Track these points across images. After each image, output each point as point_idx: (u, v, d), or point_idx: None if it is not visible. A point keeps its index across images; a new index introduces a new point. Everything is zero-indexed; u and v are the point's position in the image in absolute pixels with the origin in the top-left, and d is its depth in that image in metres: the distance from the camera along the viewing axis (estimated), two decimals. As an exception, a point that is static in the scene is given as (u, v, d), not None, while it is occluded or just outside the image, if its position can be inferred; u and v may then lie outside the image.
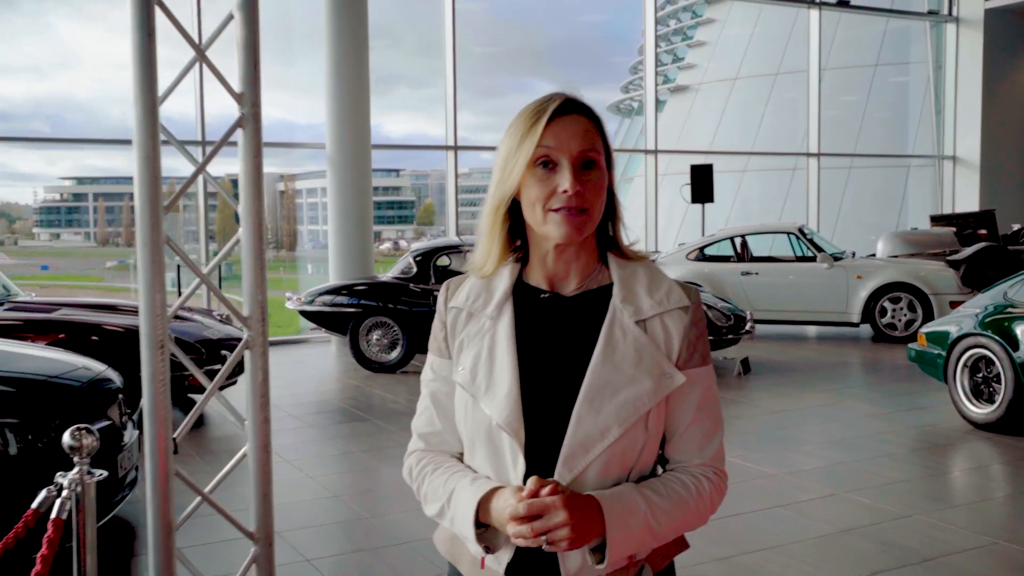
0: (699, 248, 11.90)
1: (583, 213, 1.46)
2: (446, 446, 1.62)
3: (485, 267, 1.58)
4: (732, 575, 4.09)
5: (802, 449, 6.28)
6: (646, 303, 1.52)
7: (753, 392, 8.32)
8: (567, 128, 1.47)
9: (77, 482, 2.22)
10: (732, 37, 32.31)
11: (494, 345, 1.54)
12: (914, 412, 7.32)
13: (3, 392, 4.05)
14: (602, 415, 1.45)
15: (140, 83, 1.92)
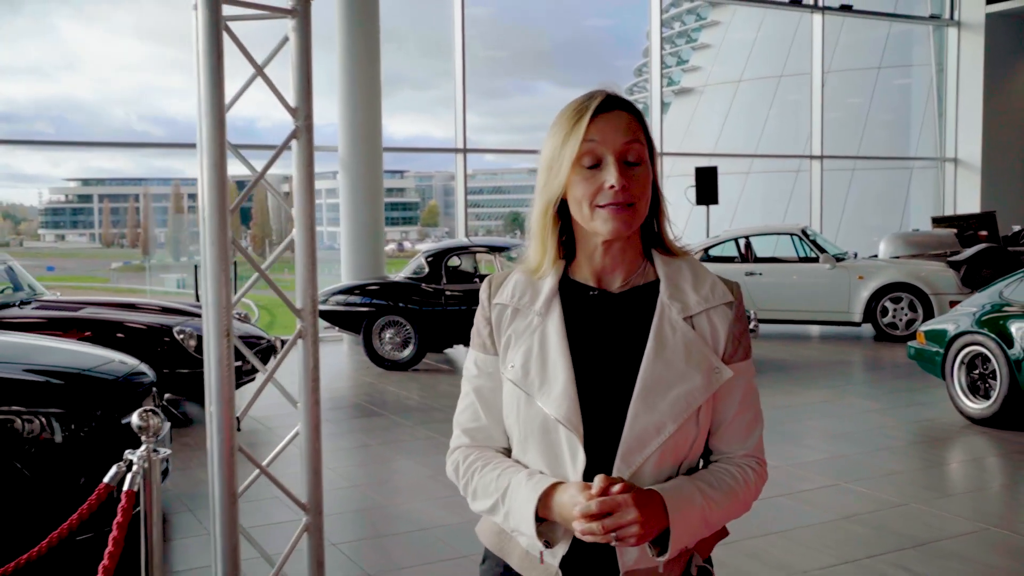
0: (704, 249, 12.12)
1: (630, 208, 1.49)
2: (491, 441, 1.63)
3: (542, 268, 1.59)
4: (737, 558, 4.32)
5: (804, 443, 6.50)
6: (693, 299, 1.55)
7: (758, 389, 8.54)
8: (610, 124, 1.49)
9: (145, 458, 2.45)
10: (736, 40, 32.51)
11: (545, 341, 1.55)
12: (913, 408, 7.54)
13: (48, 384, 4.29)
14: (657, 411, 1.49)
15: (209, 100, 2.14)
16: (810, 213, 16.99)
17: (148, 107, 57.11)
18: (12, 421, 4.05)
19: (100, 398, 4.44)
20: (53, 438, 4.12)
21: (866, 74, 27.25)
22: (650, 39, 15.35)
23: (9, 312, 7.29)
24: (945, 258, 12.64)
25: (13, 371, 4.36)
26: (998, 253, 12.68)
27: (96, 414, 4.33)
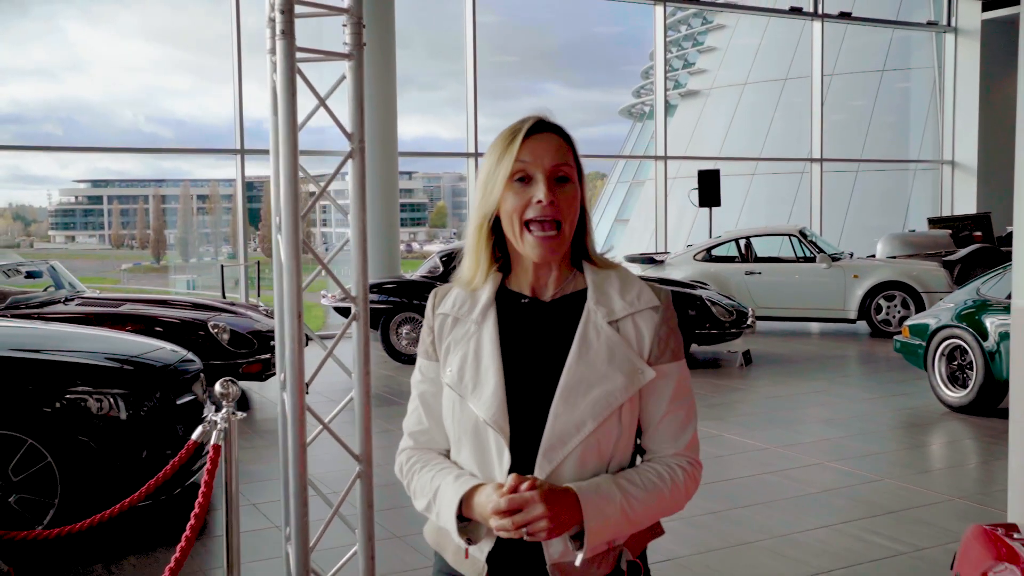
0: (706, 249, 12.62)
1: (557, 230, 1.58)
2: (434, 443, 1.71)
3: (474, 282, 1.67)
4: (722, 525, 4.84)
5: (793, 427, 7.02)
6: (618, 304, 1.62)
7: (753, 380, 9.07)
8: (541, 145, 1.59)
9: (226, 419, 2.99)
10: (741, 43, 32.94)
11: (480, 348, 1.62)
12: (898, 397, 8.05)
13: (113, 368, 4.84)
14: (577, 410, 1.55)
15: (285, 126, 2.69)
16: (810, 215, 17.47)
17: (156, 108, 57.52)
18: (84, 400, 4.60)
19: (157, 381, 4.98)
20: (119, 416, 4.67)
21: (869, 77, 27.68)
22: (655, 45, 15.85)
23: (55, 308, 7.85)
24: (940, 258, 13.13)
25: (81, 357, 4.91)
26: (991, 253, 13.16)
27: (155, 395, 4.87)
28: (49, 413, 4.51)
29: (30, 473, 4.44)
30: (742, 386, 8.83)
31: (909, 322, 8.08)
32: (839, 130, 26.92)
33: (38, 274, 8.51)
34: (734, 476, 5.72)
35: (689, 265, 12.32)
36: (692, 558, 4.37)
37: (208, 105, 56.28)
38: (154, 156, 56.00)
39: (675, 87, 35.01)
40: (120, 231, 62.33)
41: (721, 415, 7.51)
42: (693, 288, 10.27)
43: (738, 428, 6.95)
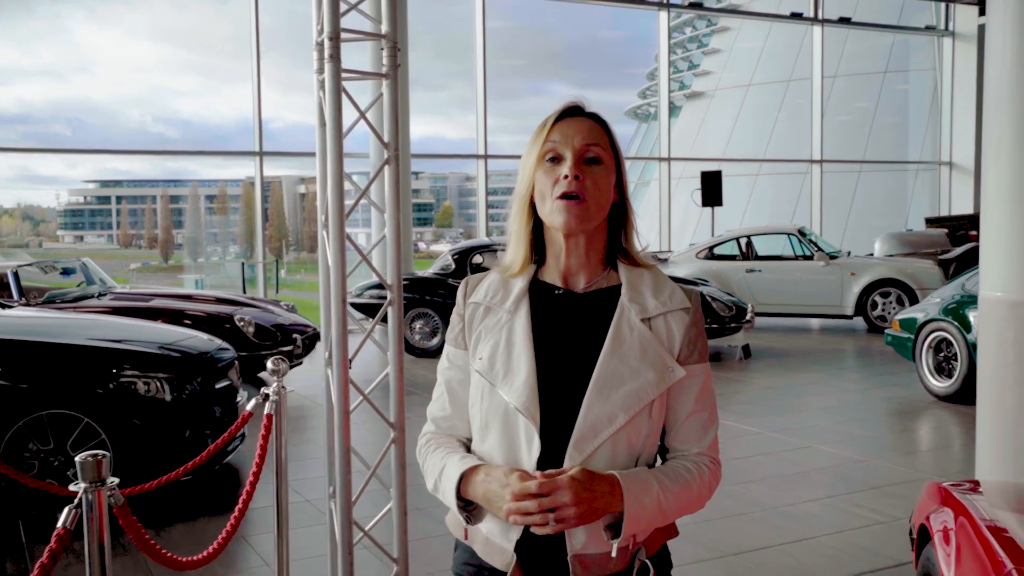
0: (708, 248, 13.05)
1: (581, 201, 1.59)
2: (455, 431, 1.73)
3: (514, 267, 1.69)
4: (716, 499, 5.23)
5: (787, 414, 7.44)
6: (651, 303, 1.63)
7: (751, 372, 9.49)
8: (572, 127, 1.62)
9: (277, 392, 3.42)
10: (746, 45, 33.29)
11: (512, 336, 1.64)
12: (888, 387, 8.47)
13: (159, 355, 5.28)
14: (610, 403, 1.56)
15: (333, 136, 3.11)
16: (810, 215, 17.87)
17: (163, 109, 57.88)
18: (134, 383, 5.04)
19: (198, 367, 5.42)
20: (164, 398, 5.11)
21: (872, 79, 28.04)
22: (659, 48, 16.27)
23: (90, 303, 8.31)
24: (936, 256, 13.53)
25: (130, 344, 5.36)
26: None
27: (196, 380, 5.32)
28: (103, 394, 4.95)
29: (86, 449, 4.88)
30: (741, 377, 9.26)
31: (899, 316, 8.50)
32: (843, 131, 27.32)
33: (72, 271, 8.97)
34: (730, 457, 6.14)
35: (691, 263, 12.74)
36: (687, 528, 4.80)
37: (215, 105, 56.70)
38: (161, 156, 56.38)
39: (680, 88, 35.41)
40: (128, 231, 62.71)
41: (720, 403, 7.86)
42: (694, 284, 10.69)
43: (736, 415, 7.38)
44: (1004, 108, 4.45)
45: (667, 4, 15.58)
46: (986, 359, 4.67)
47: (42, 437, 4.83)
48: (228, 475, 5.90)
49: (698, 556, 4.40)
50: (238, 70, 64.44)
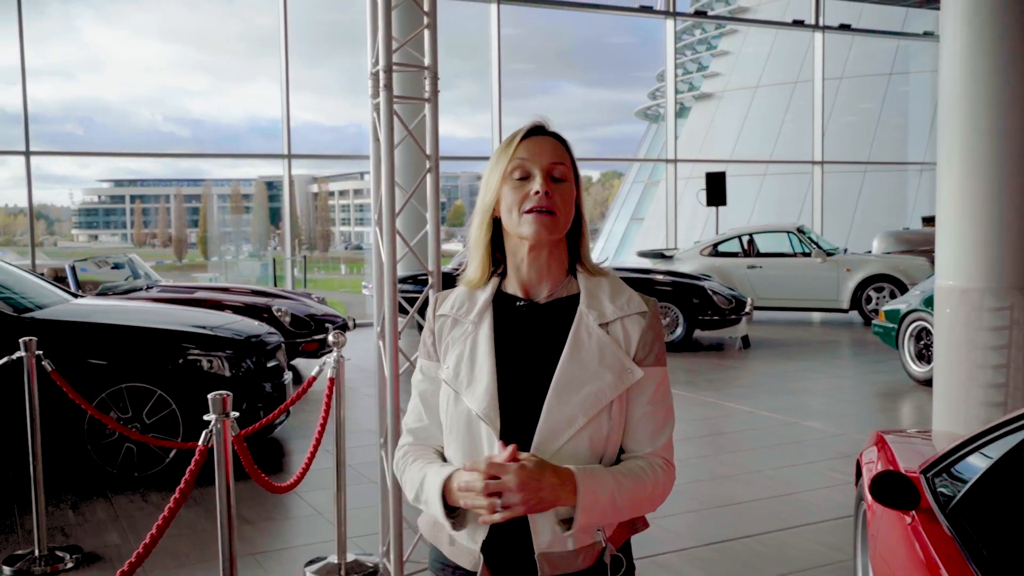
0: (712, 245, 13.74)
1: (551, 215, 1.64)
2: (432, 440, 1.77)
3: (475, 279, 1.74)
4: (708, 464, 5.98)
5: (778, 396, 8.13)
6: (609, 308, 1.68)
7: (749, 360, 10.19)
8: (538, 145, 1.68)
9: (337, 359, 4.14)
10: (754, 47, 33.87)
11: (475, 346, 1.69)
12: (875, 374, 9.17)
13: (220, 337, 6.01)
14: (569, 406, 1.61)
15: (386, 148, 3.82)
16: (812, 214, 18.52)
17: (173, 108, 58.45)
18: (199, 361, 5.78)
19: (251, 348, 6.15)
20: (224, 374, 5.85)
21: (877, 80, 28.62)
22: (666, 54, 16.94)
23: (139, 294, 9.06)
24: (930, 253, 14.17)
25: (194, 327, 6.09)
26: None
27: (251, 359, 6.05)
28: (173, 370, 5.69)
29: (159, 418, 5.62)
30: (739, 365, 9.96)
31: (884, 307, 9.19)
32: (849, 132, 27.92)
33: (121, 266, 9.73)
34: (723, 431, 6.87)
35: (696, 260, 13.43)
36: (683, 487, 5.52)
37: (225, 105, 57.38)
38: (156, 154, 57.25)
39: (690, 89, 36.02)
40: (142, 230, 63.42)
41: (718, 387, 8.63)
42: (697, 279, 11.39)
43: (731, 397, 8.09)
44: (955, 121, 5.15)
45: (673, 13, 16.28)
46: (941, 337, 5.37)
47: (122, 407, 5.57)
48: (272, 446, 6.63)
49: (689, 508, 5.11)
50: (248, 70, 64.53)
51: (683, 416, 7.62)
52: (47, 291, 6.58)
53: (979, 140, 5.02)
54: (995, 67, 4.94)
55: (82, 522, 4.94)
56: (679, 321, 10.77)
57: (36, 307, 6.06)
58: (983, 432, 2.46)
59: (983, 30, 4.96)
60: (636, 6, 16.18)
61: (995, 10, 4.93)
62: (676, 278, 11.32)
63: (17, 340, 4.43)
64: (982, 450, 2.44)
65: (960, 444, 2.54)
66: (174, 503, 2.83)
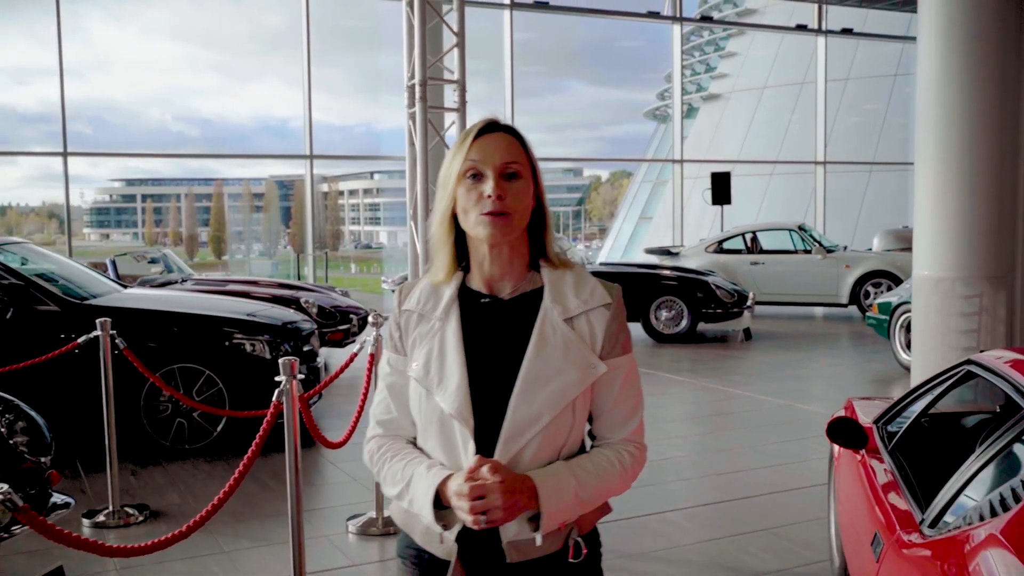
0: (717, 242, 14.28)
1: (505, 216, 1.64)
2: (401, 431, 1.79)
3: (439, 276, 1.75)
4: (705, 440, 6.53)
5: (774, 382, 8.67)
6: (573, 303, 1.70)
7: (750, 351, 10.74)
8: (491, 143, 1.67)
9: (376, 336, 4.71)
10: (761, 48, 34.31)
11: (444, 344, 1.70)
12: (867, 363, 9.70)
13: (260, 323, 6.58)
14: (535, 403, 1.64)
15: (421, 153, 4.40)
16: (814, 213, 19.03)
17: (183, 107, 58.97)
18: (243, 344, 6.35)
19: (288, 333, 6.72)
20: (265, 356, 6.41)
21: (883, 81, 29.05)
22: (673, 59, 17.48)
23: (175, 287, 9.64)
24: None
25: (238, 314, 6.66)
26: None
27: (288, 343, 6.62)
28: (219, 352, 6.26)
29: (208, 395, 6.19)
30: (741, 355, 10.50)
31: (877, 300, 9.72)
32: (854, 132, 28.38)
33: (156, 260, 10.33)
34: (723, 412, 7.42)
35: (701, 256, 13.97)
36: (685, 457, 6.08)
37: (234, 104, 57.87)
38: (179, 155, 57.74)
39: (698, 90, 36.52)
40: (153, 229, 64.00)
41: (720, 375, 9.18)
42: (702, 274, 11.93)
43: (733, 383, 8.63)
44: (930, 125, 5.69)
45: (680, 18, 16.82)
46: (917, 323, 5.91)
47: (174, 385, 6.15)
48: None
49: (690, 476, 5.67)
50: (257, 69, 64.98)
51: (687, 399, 8.18)
52: (100, 282, 7.16)
53: (951, 145, 5.55)
54: (964, 85, 5.49)
55: (143, 485, 5.52)
56: (684, 314, 11.31)
57: (92, 296, 6.63)
58: (919, 387, 3.01)
59: (951, 57, 5.49)
60: (644, 11, 16.72)
61: (965, 34, 5.47)
62: (682, 273, 11.85)
63: (80, 324, 5.01)
64: (916, 401, 2.99)
65: (902, 398, 3.10)
66: (247, 460, 3.33)
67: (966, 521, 2.01)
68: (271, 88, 65.05)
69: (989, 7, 5.53)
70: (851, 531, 2.99)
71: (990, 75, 5.43)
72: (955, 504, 2.19)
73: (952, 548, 1.97)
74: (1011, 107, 5.52)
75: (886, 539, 2.40)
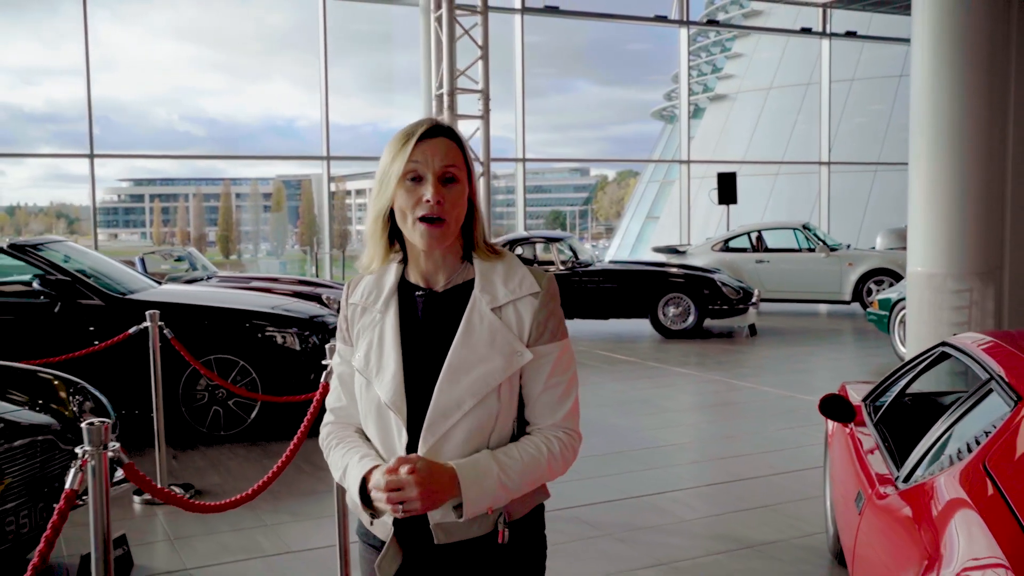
0: (723, 241, 14.64)
1: (442, 223, 1.70)
2: (351, 418, 1.87)
3: (371, 267, 1.83)
4: (707, 425, 6.90)
5: (777, 375, 9.04)
6: (501, 292, 1.75)
7: (755, 346, 11.10)
8: (432, 148, 1.71)
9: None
10: (767, 49, 34.62)
11: (383, 336, 1.78)
12: (867, 356, 10.06)
13: (290, 316, 6.96)
14: (458, 388, 1.70)
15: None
16: (819, 212, 19.38)
17: (189, 107, 59.27)
18: (274, 336, 6.74)
19: (315, 326, 7.10)
20: (295, 347, 6.80)
21: (888, 82, 29.32)
22: (680, 68, 17.84)
23: (201, 283, 10.04)
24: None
25: (268, 308, 7.04)
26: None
27: (316, 336, 7.00)
28: (252, 344, 6.65)
29: (242, 384, 6.57)
30: (746, 350, 10.87)
31: (877, 297, 10.08)
32: (859, 132, 28.68)
33: (182, 258, 10.73)
34: (728, 403, 7.79)
35: (707, 254, 14.33)
36: (690, 443, 6.45)
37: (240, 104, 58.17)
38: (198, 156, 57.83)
39: (704, 91, 36.85)
40: (161, 228, 64.31)
41: (726, 368, 9.55)
42: (708, 272, 12.29)
43: (738, 376, 9.00)
44: (923, 131, 6.05)
45: (687, 22, 17.18)
46: (912, 316, 6.27)
47: (210, 375, 6.53)
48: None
49: (695, 459, 6.05)
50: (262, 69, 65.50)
51: (693, 391, 8.55)
52: (136, 278, 7.55)
53: (942, 150, 5.92)
54: (954, 94, 5.86)
55: (184, 467, 5.91)
56: (691, 310, 11.68)
57: (131, 291, 7.02)
58: (902, 366, 3.38)
59: (941, 68, 5.85)
60: (651, 15, 17.09)
61: (954, 46, 5.83)
62: (689, 271, 12.22)
63: (122, 318, 5.38)
64: (900, 379, 3.36)
65: (886, 377, 3.47)
66: (297, 440, 3.67)
67: (931, 474, 2.38)
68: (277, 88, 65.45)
69: (977, 20, 5.89)
70: (840, 495, 3.36)
71: (978, 85, 5.79)
72: (924, 461, 2.56)
73: (918, 495, 2.34)
74: (998, 115, 5.87)
75: (866, 494, 2.77)
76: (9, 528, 3.49)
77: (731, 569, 4.14)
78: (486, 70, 4.26)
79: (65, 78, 48.08)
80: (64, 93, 50.70)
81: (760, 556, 4.28)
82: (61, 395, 4.15)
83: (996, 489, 2.02)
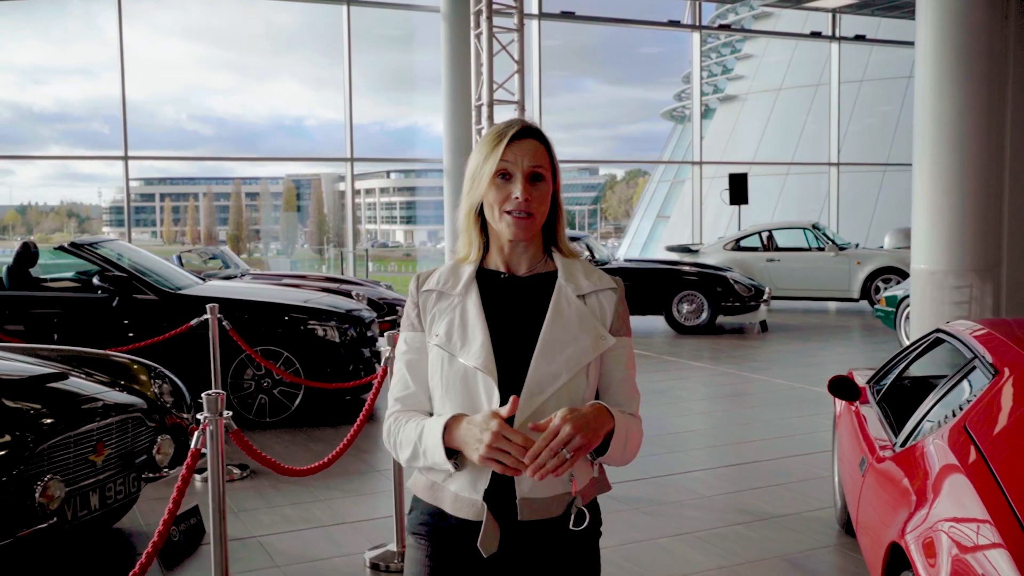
0: (734, 240, 15.05)
1: (529, 217, 1.81)
2: (419, 405, 1.90)
3: (470, 255, 1.91)
4: (721, 414, 7.31)
5: (789, 368, 9.45)
6: (584, 283, 1.88)
7: (766, 342, 11.51)
8: (522, 148, 1.82)
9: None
10: (777, 52, 34.94)
11: (465, 313, 1.85)
12: (875, 351, 10.46)
13: (329, 311, 7.40)
14: (555, 363, 1.79)
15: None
16: (828, 212, 19.75)
17: (198, 106, 59.68)
18: (315, 329, 7.18)
19: (353, 320, 7.54)
20: (335, 340, 7.24)
21: (897, 83, 29.60)
22: (691, 71, 18.24)
23: (235, 280, 10.49)
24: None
25: (308, 303, 7.48)
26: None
27: (355, 329, 7.45)
28: (295, 336, 7.09)
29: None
30: (758, 345, 11.29)
31: (885, 294, 10.49)
32: (868, 133, 29.01)
33: (216, 257, 11.19)
34: (741, 393, 8.21)
35: (719, 253, 14.75)
36: (707, 430, 6.87)
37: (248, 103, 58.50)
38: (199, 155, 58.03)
39: (715, 91, 37.20)
40: (172, 227, 64.70)
41: (739, 362, 9.97)
42: (720, 270, 12.70)
43: (750, 369, 9.42)
44: (925, 135, 6.46)
45: (699, 27, 17.59)
46: (915, 312, 6.68)
47: (256, 365, 6.98)
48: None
49: (712, 443, 6.47)
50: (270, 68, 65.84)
51: (707, 382, 8.98)
52: (183, 275, 8.00)
53: (943, 153, 6.33)
54: (956, 99, 6.27)
55: (234, 451, 6.35)
56: (704, 307, 12.10)
57: (181, 287, 7.47)
58: (902, 351, 3.81)
59: (943, 76, 6.26)
60: (664, 19, 17.50)
61: (956, 54, 6.24)
62: (701, 269, 12.64)
63: (174, 311, 5.81)
64: (900, 362, 3.79)
65: (888, 361, 3.89)
66: (358, 424, 4.09)
67: (922, 437, 2.81)
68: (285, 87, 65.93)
69: (978, 27, 6.29)
70: (846, 464, 3.79)
71: (977, 93, 6.20)
72: (918, 429, 2.98)
73: (911, 455, 2.77)
74: (997, 120, 6.28)
75: (869, 460, 3.20)
76: (108, 495, 3.92)
77: (748, 537, 4.56)
78: (522, 83, 4.66)
79: (74, 78, 48.33)
80: (73, 93, 51.03)
81: (774, 527, 4.71)
82: (142, 378, 4.59)
83: (975, 446, 2.44)
